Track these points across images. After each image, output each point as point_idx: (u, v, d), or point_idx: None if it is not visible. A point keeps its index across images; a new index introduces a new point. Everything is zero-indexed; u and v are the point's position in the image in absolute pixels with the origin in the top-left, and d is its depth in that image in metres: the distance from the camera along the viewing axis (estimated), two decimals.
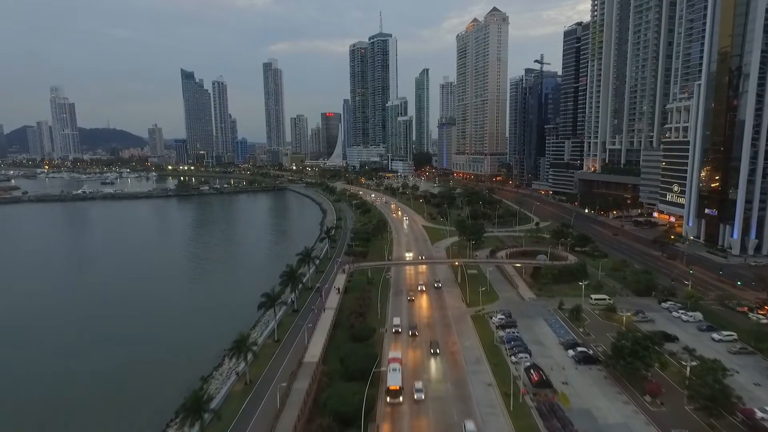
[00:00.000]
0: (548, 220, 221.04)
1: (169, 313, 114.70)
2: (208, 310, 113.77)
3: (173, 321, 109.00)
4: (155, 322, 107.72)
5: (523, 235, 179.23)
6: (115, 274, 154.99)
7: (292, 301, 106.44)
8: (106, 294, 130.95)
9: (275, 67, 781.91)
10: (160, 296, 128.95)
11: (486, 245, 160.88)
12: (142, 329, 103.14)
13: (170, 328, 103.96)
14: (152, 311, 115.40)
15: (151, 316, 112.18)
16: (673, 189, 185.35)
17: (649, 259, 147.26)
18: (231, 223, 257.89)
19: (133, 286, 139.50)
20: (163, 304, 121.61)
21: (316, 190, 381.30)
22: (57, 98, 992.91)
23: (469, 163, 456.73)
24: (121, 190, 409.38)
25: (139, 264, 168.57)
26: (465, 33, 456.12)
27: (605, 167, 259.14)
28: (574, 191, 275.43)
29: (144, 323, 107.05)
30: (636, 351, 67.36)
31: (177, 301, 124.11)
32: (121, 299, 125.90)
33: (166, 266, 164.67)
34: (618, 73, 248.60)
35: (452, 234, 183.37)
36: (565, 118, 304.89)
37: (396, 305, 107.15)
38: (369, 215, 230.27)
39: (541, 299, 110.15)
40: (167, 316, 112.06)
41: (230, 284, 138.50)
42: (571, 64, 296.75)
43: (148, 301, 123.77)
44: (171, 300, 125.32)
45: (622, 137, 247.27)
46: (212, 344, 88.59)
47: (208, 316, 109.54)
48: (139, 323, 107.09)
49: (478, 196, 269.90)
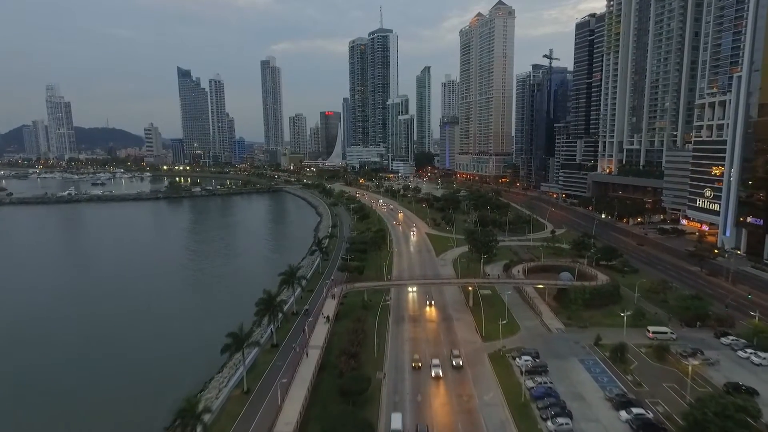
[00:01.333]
0: (562, 226, 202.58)
1: (120, 349, 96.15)
2: (163, 356, 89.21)
3: (123, 362, 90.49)
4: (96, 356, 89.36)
5: (539, 245, 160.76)
6: (72, 287, 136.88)
7: (272, 333, 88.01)
8: (57, 313, 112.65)
9: (273, 65, 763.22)
10: (115, 320, 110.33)
11: (498, 258, 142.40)
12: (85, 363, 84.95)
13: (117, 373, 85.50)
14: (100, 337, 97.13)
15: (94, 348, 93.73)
16: (705, 194, 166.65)
17: (686, 276, 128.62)
18: (218, 230, 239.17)
19: (93, 302, 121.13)
20: (116, 331, 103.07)
21: (312, 192, 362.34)
22: (53, 97, 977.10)
23: (473, 163, 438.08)
24: (110, 192, 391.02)
25: (105, 275, 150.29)
26: (469, 28, 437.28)
27: (622, 169, 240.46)
28: (588, 194, 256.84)
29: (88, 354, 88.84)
30: (728, 430, 48.79)
31: (130, 336, 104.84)
32: (76, 318, 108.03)
33: (134, 279, 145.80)
34: (637, 67, 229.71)
35: (459, 243, 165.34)
36: (577, 116, 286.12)
37: (397, 339, 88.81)
38: (367, 221, 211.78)
39: (572, 330, 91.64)
40: (116, 350, 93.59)
41: (201, 310, 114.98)
42: (584, 59, 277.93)
43: (99, 324, 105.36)
44: (126, 329, 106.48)
45: (642, 136, 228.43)
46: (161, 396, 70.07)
47: (162, 364, 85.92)
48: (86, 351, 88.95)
49: (485, 199, 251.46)
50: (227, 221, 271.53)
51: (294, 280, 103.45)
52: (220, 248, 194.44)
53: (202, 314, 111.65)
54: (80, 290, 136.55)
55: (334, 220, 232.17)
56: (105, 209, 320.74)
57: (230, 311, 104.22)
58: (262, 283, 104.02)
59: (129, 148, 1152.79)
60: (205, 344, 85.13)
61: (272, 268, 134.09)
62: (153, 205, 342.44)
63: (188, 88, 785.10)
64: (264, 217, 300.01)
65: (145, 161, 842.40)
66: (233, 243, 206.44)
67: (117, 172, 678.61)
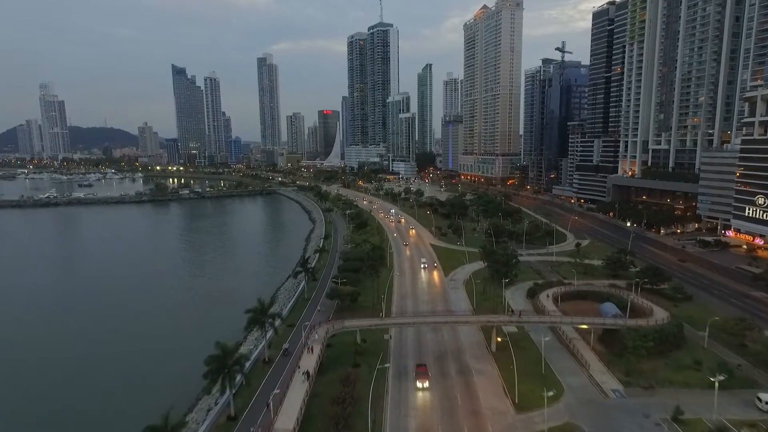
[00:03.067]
0: (584, 236, 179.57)
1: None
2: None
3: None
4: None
5: (565, 261, 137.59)
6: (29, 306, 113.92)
7: (228, 402, 64.81)
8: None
9: (270, 62, 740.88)
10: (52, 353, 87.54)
11: (519, 278, 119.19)
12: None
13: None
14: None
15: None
16: (757, 201, 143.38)
17: (752, 306, 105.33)
18: (197, 240, 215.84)
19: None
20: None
21: (306, 194, 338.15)
22: (46, 95, 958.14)
23: (478, 164, 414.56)
24: (94, 194, 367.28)
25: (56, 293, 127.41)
26: (473, 21, 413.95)
27: (647, 171, 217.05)
28: (608, 199, 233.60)
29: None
30: None
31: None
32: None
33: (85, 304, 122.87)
34: (666, 58, 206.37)
35: (470, 257, 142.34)
36: (594, 114, 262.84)
37: (398, 407, 65.68)
38: (365, 232, 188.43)
39: (635, 393, 68.21)
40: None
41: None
42: (602, 50, 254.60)
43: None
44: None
45: (671, 135, 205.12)
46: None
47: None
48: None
49: (495, 204, 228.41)
50: (209, 228, 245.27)
51: (266, 319, 79.77)
52: (193, 263, 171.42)
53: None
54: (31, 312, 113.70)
55: (328, 228, 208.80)
56: (85, 213, 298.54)
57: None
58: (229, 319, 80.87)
59: (126, 148, 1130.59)
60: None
61: (249, 294, 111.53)
62: (136, 209, 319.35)
63: (183, 86, 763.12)
64: (252, 224, 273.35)
65: (139, 161, 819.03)
66: (208, 259, 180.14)
67: (108, 172, 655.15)
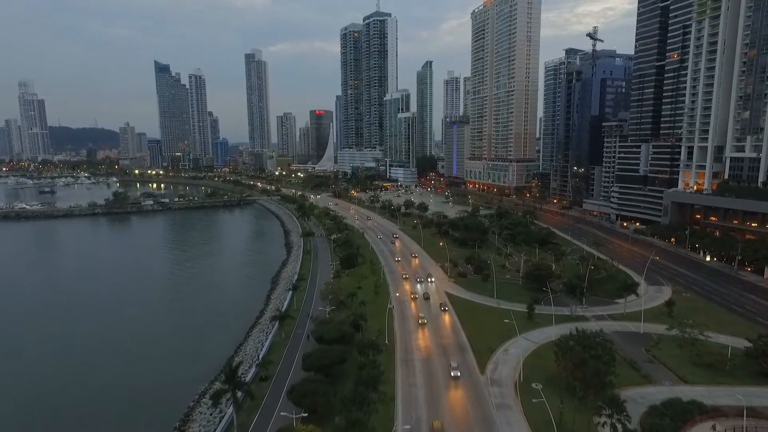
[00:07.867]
0: (658, 279, 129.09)
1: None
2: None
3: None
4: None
5: (661, 331, 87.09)
6: None
7: None
8: None
9: (259, 59, 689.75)
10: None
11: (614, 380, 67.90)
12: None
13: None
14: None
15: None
16: None
17: None
18: (135, 273, 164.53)
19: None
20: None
21: (289, 208, 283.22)
22: (25, 94, 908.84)
23: (487, 171, 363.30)
24: (48, 203, 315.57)
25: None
26: (482, 8, 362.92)
27: (724, 185, 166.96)
28: (664, 220, 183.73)
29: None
30: None
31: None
32: None
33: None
34: (753, 37, 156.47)
35: (507, 315, 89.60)
36: (641, 112, 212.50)
37: None
38: (355, 272, 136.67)
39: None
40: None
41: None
42: (653, 34, 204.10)
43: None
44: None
45: (762, 138, 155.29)
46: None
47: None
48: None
49: (523, 227, 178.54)
50: (164, 256, 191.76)
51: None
52: (131, 316, 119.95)
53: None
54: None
55: (306, 263, 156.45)
56: (18, 231, 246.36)
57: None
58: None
59: (111, 149, 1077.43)
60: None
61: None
62: (87, 224, 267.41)
63: (166, 84, 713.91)
64: (208, 251, 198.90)
65: (120, 164, 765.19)
66: (149, 312, 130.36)
67: (80, 176, 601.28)
